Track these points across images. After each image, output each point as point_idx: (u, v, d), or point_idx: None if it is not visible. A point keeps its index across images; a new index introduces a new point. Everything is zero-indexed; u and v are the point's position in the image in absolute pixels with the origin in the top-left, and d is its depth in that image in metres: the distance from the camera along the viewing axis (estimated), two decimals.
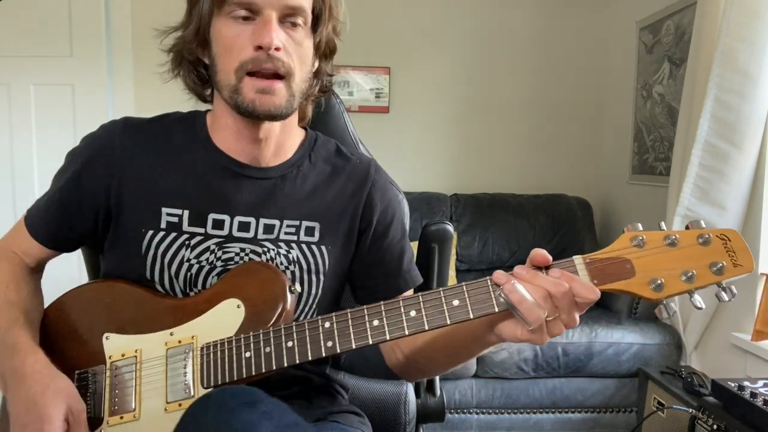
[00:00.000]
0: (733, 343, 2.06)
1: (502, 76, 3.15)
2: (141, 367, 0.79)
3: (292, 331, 0.73)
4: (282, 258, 0.87)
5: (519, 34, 3.14)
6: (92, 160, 0.87)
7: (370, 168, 0.96)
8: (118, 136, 0.87)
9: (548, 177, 3.18)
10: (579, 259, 0.69)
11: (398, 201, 0.98)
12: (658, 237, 0.68)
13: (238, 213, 0.86)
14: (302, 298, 0.89)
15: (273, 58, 0.77)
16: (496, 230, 2.83)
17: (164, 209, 0.85)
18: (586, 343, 2.24)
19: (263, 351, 0.73)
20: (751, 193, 2.03)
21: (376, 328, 0.70)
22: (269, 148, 0.88)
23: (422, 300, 0.70)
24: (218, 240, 0.85)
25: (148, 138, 0.88)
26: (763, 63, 1.91)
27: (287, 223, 0.88)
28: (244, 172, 0.87)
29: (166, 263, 0.85)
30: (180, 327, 0.80)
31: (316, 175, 0.92)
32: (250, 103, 0.78)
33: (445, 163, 3.18)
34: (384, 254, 0.94)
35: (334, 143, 0.98)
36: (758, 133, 1.97)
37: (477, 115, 3.17)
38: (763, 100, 1.94)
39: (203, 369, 0.76)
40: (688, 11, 2.42)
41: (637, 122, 2.87)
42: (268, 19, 0.77)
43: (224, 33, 0.79)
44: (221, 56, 0.80)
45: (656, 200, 2.59)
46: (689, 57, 2.21)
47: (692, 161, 2.06)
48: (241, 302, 0.79)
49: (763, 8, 1.88)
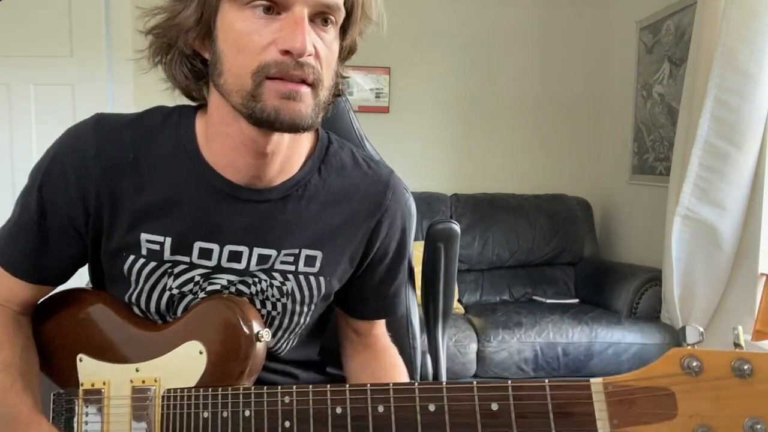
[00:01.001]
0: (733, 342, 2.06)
1: (502, 76, 3.15)
2: (109, 403, 0.76)
3: (251, 399, 0.67)
4: (274, 290, 0.78)
5: (519, 33, 3.14)
6: (64, 176, 0.73)
7: (387, 191, 0.82)
8: (93, 146, 0.73)
9: (548, 177, 3.17)
10: (598, 384, 0.52)
11: (408, 226, 0.87)
12: (722, 362, 0.49)
13: (228, 242, 0.75)
14: (288, 331, 0.82)
15: (303, 65, 0.63)
16: (496, 230, 2.83)
17: (144, 235, 0.74)
18: (586, 343, 2.24)
19: (220, 415, 0.68)
20: (751, 193, 2.03)
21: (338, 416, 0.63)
22: (274, 165, 0.73)
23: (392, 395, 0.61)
24: (204, 271, 0.75)
25: (124, 146, 0.73)
26: (763, 63, 1.91)
27: (285, 252, 0.77)
28: (239, 195, 0.74)
29: (146, 289, 0.76)
30: (145, 363, 0.75)
31: (325, 194, 0.78)
32: (272, 111, 0.64)
33: (445, 163, 3.18)
34: (375, 279, 0.86)
35: (349, 150, 0.84)
36: (758, 133, 1.97)
37: (477, 115, 3.17)
38: (763, 100, 1.94)
39: (164, 421, 0.72)
40: (688, 11, 2.42)
41: (637, 122, 2.87)
42: (300, 18, 0.62)
43: (237, 27, 0.64)
44: (230, 54, 0.66)
45: (656, 200, 2.59)
46: (689, 57, 2.21)
47: (692, 161, 2.06)
48: (204, 348, 0.72)
49: (763, 8, 1.88)
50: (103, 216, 0.74)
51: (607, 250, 3.10)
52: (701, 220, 2.10)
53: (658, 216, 2.45)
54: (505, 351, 2.22)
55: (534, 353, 2.22)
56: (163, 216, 0.74)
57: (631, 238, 2.95)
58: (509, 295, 2.83)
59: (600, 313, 2.42)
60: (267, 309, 0.79)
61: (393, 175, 0.85)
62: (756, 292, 1.98)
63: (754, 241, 2.02)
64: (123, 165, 0.73)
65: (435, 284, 1.17)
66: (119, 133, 0.74)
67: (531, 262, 2.88)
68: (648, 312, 2.42)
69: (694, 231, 2.13)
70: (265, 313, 0.79)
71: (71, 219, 0.74)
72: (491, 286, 2.84)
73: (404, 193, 0.86)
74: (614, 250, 3.07)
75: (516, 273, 2.88)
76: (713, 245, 2.09)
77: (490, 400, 0.56)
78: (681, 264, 2.18)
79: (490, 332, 2.26)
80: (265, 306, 0.79)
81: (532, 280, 2.86)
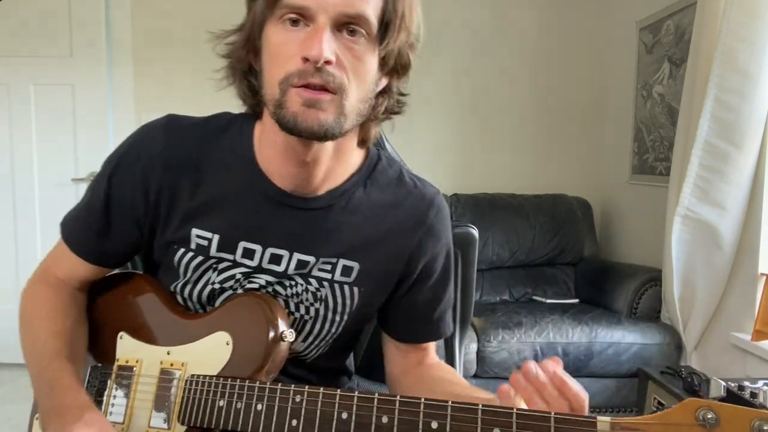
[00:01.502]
0: (733, 343, 2.06)
1: (502, 76, 3.15)
2: (138, 380, 0.81)
3: (264, 394, 0.70)
4: (309, 295, 0.81)
5: (519, 33, 3.14)
6: (132, 168, 0.79)
7: (431, 210, 0.85)
8: (161, 144, 0.79)
9: (548, 177, 3.17)
10: (605, 423, 0.52)
11: (450, 247, 0.89)
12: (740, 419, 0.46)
13: (271, 245, 0.79)
14: (320, 337, 0.85)
15: (322, 72, 0.66)
16: (496, 230, 2.84)
17: (194, 230, 0.79)
18: (586, 343, 2.24)
19: (234, 405, 0.72)
20: (751, 193, 2.03)
21: (343, 421, 0.64)
22: (317, 174, 0.77)
23: (398, 407, 0.61)
24: (246, 270, 0.80)
25: (189, 147, 0.79)
26: (763, 63, 1.91)
27: (323, 260, 0.80)
28: (286, 201, 0.79)
29: (191, 281, 0.82)
30: (177, 348, 0.80)
31: (368, 208, 0.81)
32: (292, 117, 0.67)
33: (445, 163, 3.18)
34: (419, 301, 0.87)
35: (398, 167, 0.87)
36: (758, 133, 1.97)
37: (477, 115, 3.17)
38: (763, 100, 1.94)
39: (183, 404, 0.76)
40: (688, 11, 2.42)
41: (637, 122, 2.87)
42: (320, 27, 0.66)
43: (273, 40, 0.69)
44: (266, 66, 0.71)
45: (656, 200, 2.59)
46: (689, 57, 2.21)
47: (692, 161, 2.06)
48: (231, 339, 0.77)
49: (763, 8, 1.88)
50: (161, 209, 0.80)
51: (607, 250, 3.10)
52: (701, 220, 2.10)
53: (658, 216, 2.45)
54: (505, 351, 2.22)
55: (534, 353, 2.22)
56: (213, 214, 0.79)
57: (631, 238, 2.95)
58: (509, 295, 2.83)
59: (600, 313, 2.42)
60: (300, 312, 0.83)
61: (438, 196, 0.87)
62: (756, 292, 1.98)
63: (754, 241, 2.02)
64: (185, 164, 0.79)
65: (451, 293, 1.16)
66: (186, 134, 0.80)
67: (531, 262, 2.88)
68: (648, 312, 2.42)
69: (694, 231, 2.13)
70: (298, 316, 0.83)
71: (133, 208, 0.80)
72: (491, 286, 2.84)
73: (448, 214, 0.88)
74: (614, 250, 3.07)
75: (516, 273, 2.88)
76: (713, 245, 2.09)
77: (493, 425, 0.56)
78: (681, 264, 2.18)
79: (490, 332, 2.26)
80: (298, 309, 0.82)
81: (532, 280, 2.86)
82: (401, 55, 0.74)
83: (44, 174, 2.86)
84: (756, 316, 1.95)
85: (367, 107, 0.73)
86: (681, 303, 2.22)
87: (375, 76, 0.73)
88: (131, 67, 3.00)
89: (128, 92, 3.01)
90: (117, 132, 2.99)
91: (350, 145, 0.80)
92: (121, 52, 2.98)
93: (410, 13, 0.73)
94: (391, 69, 0.75)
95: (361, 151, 0.84)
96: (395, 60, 0.74)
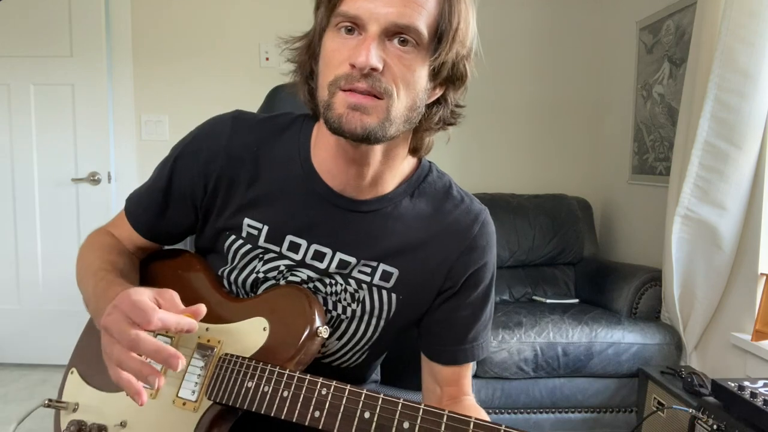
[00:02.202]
0: (733, 343, 2.06)
1: (502, 76, 3.15)
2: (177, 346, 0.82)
3: (292, 382, 0.71)
4: (347, 295, 0.83)
5: (519, 34, 3.14)
6: (196, 156, 0.84)
7: (475, 224, 0.86)
8: (226, 137, 0.83)
9: (548, 177, 3.18)
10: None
11: (492, 264, 0.89)
12: None
13: (316, 241, 0.82)
14: (355, 339, 0.86)
15: (368, 78, 0.68)
16: (496, 230, 2.83)
17: (246, 220, 0.84)
18: (586, 343, 2.24)
19: (261, 389, 0.73)
20: (751, 193, 2.03)
21: (365, 420, 0.65)
22: (365, 177, 0.80)
23: (421, 415, 0.62)
24: (290, 263, 0.83)
25: (251, 142, 0.84)
26: (763, 63, 1.91)
27: (364, 263, 0.82)
28: (334, 201, 0.81)
29: (238, 267, 0.85)
30: (216, 326, 0.82)
31: (413, 217, 0.83)
32: (337, 119, 0.70)
33: (445, 164, 3.16)
34: (455, 317, 0.86)
35: (448, 180, 0.89)
36: (758, 133, 1.97)
37: (477, 116, 3.17)
38: (763, 100, 1.94)
39: (213, 379, 0.77)
40: (688, 11, 2.42)
41: (637, 122, 2.87)
42: (370, 36, 0.68)
43: (327, 46, 0.72)
44: (321, 70, 0.74)
45: (656, 200, 2.59)
46: (689, 57, 2.21)
47: (692, 161, 2.06)
48: (268, 326, 0.79)
49: (762, 8, 1.88)
50: (218, 198, 0.84)
51: (607, 250, 3.10)
52: (701, 220, 2.10)
53: (658, 216, 2.45)
54: (505, 351, 2.22)
55: (534, 353, 2.22)
56: (266, 206, 0.83)
57: (631, 238, 2.95)
58: (509, 295, 2.83)
59: (600, 313, 2.42)
60: (337, 311, 0.85)
61: (484, 212, 0.88)
62: (756, 292, 1.98)
63: (754, 241, 2.02)
64: (246, 158, 0.83)
65: None
66: (250, 130, 0.84)
67: (531, 262, 2.88)
68: (648, 312, 2.42)
69: (694, 231, 2.13)
70: (335, 315, 0.85)
71: (193, 193, 0.85)
72: None
73: (494, 232, 0.89)
74: (614, 250, 3.07)
75: (516, 273, 2.88)
76: (713, 245, 2.09)
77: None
78: (681, 264, 2.18)
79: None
80: (336, 308, 0.85)
81: (532, 280, 2.86)
82: (455, 66, 0.76)
83: (44, 174, 2.86)
84: (756, 316, 1.95)
85: (415, 115, 0.75)
86: (681, 303, 2.22)
87: (425, 85, 0.74)
88: (131, 67, 3.00)
89: (128, 92, 3.01)
90: (117, 132, 3.00)
91: (401, 153, 0.81)
92: (121, 52, 2.98)
93: (465, 27, 0.75)
94: (445, 80, 0.76)
95: (413, 160, 0.86)
96: (449, 71, 0.75)
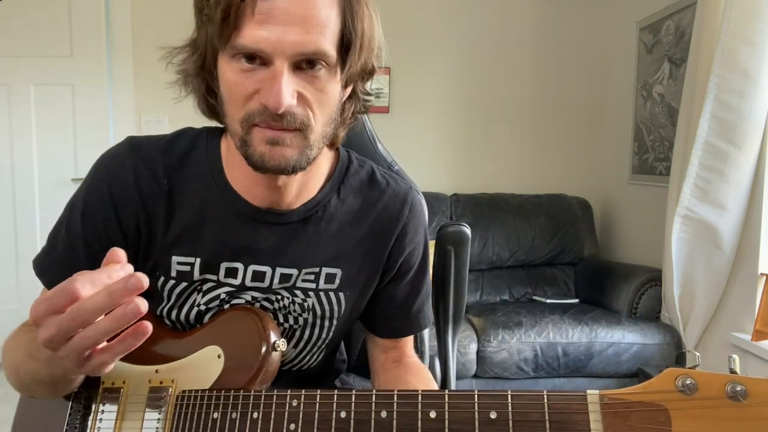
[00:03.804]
0: (733, 343, 2.06)
1: (502, 76, 3.15)
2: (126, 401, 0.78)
3: (260, 401, 0.69)
4: (296, 306, 0.82)
5: (519, 34, 3.14)
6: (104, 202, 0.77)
7: (404, 208, 0.85)
8: (132, 172, 0.77)
9: (548, 177, 3.18)
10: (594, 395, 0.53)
11: (423, 239, 0.89)
12: (715, 383, 0.50)
13: (252, 262, 0.79)
14: (311, 343, 0.86)
15: (283, 116, 0.65)
16: (496, 230, 2.83)
17: (174, 257, 0.78)
18: (586, 343, 2.24)
19: (229, 416, 0.70)
20: (751, 193, 2.03)
21: (342, 420, 0.64)
22: (290, 193, 0.77)
23: (396, 401, 0.62)
24: (230, 289, 0.80)
25: (159, 173, 0.77)
26: (763, 63, 1.91)
27: (306, 271, 0.81)
28: (261, 218, 0.78)
29: (177, 305, 0.81)
30: (165, 366, 0.78)
31: (343, 214, 0.82)
32: (259, 158, 0.67)
33: (445, 163, 3.18)
34: (396, 295, 0.87)
35: (369, 168, 0.86)
36: (758, 133, 1.97)
37: (477, 115, 3.17)
38: (763, 100, 1.94)
39: (174, 422, 0.74)
40: (688, 11, 2.42)
41: (637, 122, 2.87)
42: (278, 72, 0.63)
43: (227, 76, 0.67)
44: (225, 101, 0.69)
45: (656, 200, 2.59)
46: (689, 57, 2.21)
47: (692, 161, 2.06)
48: (222, 352, 0.75)
49: (763, 8, 1.88)
50: (141, 240, 0.78)
51: (607, 250, 3.10)
52: (701, 220, 2.10)
53: (658, 216, 2.45)
54: (505, 351, 2.21)
55: (534, 353, 2.22)
56: (192, 239, 0.78)
57: (631, 238, 2.95)
58: (509, 295, 2.83)
59: (600, 313, 2.42)
60: (289, 323, 0.83)
61: (410, 192, 0.87)
62: (756, 292, 1.98)
63: (754, 241, 2.02)
64: (158, 192, 0.77)
65: (445, 288, 1.16)
66: (153, 160, 0.78)
67: (531, 262, 2.88)
68: (648, 312, 2.42)
69: (694, 231, 2.13)
70: (288, 327, 0.83)
71: (111, 242, 0.76)
72: (491, 286, 2.84)
73: (423, 208, 0.88)
74: (614, 250, 3.07)
75: (516, 273, 2.88)
76: (713, 245, 2.09)
77: (489, 408, 0.58)
78: (681, 264, 2.18)
79: (490, 332, 2.26)
80: (287, 320, 0.83)
81: (532, 280, 2.86)
82: (365, 66, 0.73)
83: (44, 174, 2.87)
84: (756, 316, 1.95)
85: (332, 126, 0.73)
86: (681, 303, 2.22)
87: (338, 96, 0.72)
88: (131, 67, 3.00)
89: (128, 92, 3.01)
90: (117, 132, 3.00)
91: (320, 158, 0.79)
92: (121, 52, 2.98)
93: (370, 26, 0.71)
94: (358, 77, 0.74)
95: (331, 154, 0.84)
96: (359, 71, 0.73)
